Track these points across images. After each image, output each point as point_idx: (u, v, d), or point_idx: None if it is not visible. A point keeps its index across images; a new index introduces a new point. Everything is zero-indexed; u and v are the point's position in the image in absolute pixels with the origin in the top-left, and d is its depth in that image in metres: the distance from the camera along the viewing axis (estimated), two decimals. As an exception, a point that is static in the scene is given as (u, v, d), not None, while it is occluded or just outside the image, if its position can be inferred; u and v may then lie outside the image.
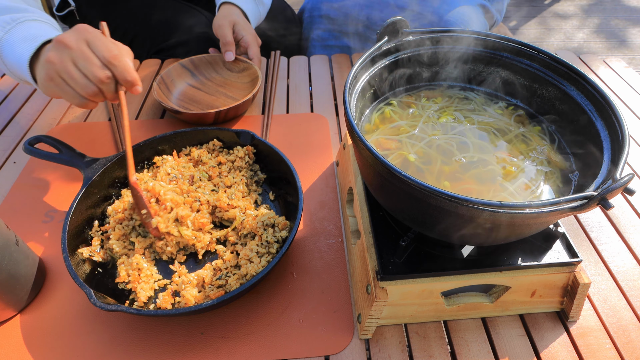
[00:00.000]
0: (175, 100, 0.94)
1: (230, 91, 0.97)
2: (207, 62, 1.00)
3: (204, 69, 1.00)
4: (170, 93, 0.95)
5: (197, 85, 0.99)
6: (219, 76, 1.00)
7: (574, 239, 0.68)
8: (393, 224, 0.58)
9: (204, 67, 1.00)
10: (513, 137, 0.59)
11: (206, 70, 1.00)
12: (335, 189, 0.76)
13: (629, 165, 0.81)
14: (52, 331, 0.57)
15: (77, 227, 0.62)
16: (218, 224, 0.68)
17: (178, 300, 0.58)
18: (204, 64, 1.00)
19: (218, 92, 0.97)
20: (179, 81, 0.97)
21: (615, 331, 0.57)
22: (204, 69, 1.00)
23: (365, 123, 0.61)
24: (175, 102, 0.94)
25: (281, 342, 0.56)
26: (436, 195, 0.41)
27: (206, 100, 0.95)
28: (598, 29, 2.86)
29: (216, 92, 0.97)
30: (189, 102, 0.95)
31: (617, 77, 1.05)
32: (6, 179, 0.79)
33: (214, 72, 1.01)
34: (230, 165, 0.74)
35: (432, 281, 0.53)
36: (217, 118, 0.86)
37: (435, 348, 0.55)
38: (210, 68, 1.01)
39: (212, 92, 0.97)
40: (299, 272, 0.64)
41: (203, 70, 1.00)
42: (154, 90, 0.90)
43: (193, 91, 0.97)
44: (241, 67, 0.99)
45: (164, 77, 0.94)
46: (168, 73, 0.95)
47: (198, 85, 0.98)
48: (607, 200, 0.39)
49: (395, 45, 0.61)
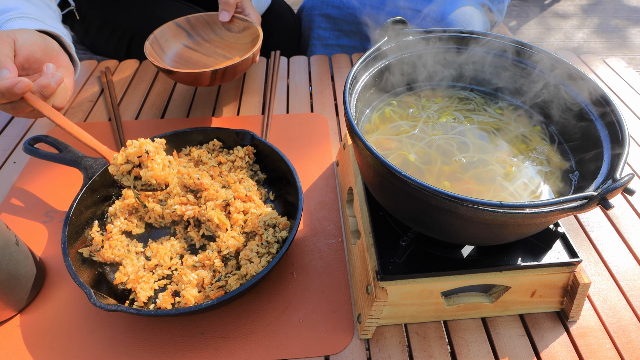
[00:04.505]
0: (170, 61, 0.90)
1: (229, 52, 0.92)
2: (204, 22, 0.95)
3: (201, 29, 0.95)
4: (164, 54, 0.90)
5: (194, 46, 0.93)
6: (218, 37, 0.95)
7: (574, 239, 0.68)
8: (393, 224, 0.58)
9: (202, 27, 0.95)
10: (513, 137, 0.59)
11: (204, 31, 0.95)
12: (335, 189, 0.76)
13: (629, 165, 0.81)
14: (52, 331, 0.57)
15: (77, 227, 0.62)
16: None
17: (178, 300, 0.58)
18: (201, 24, 0.95)
19: (216, 54, 0.92)
20: (174, 41, 0.92)
21: (615, 331, 0.57)
22: (202, 29, 0.95)
23: (365, 123, 0.61)
24: (169, 63, 0.89)
25: (281, 342, 0.56)
26: (436, 195, 0.41)
27: (203, 62, 0.90)
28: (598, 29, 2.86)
29: (214, 53, 0.92)
30: (184, 63, 0.90)
31: (617, 77, 1.05)
32: (6, 179, 0.79)
33: (212, 32, 0.95)
34: (231, 165, 0.74)
35: (432, 281, 0.53)
36: (214, 78, 0.80)
37: (435, 348, 0.55)
38: (208, 28, 0.95)
39: (209, 54, 0.92)
40: (299, 272, 0.64)
41: (200, 30, 0.95)
42: (146, 50, 0.84)
43: (189, 52, 0.92)
44: (241, 27, 0.93)
45: (157, 37, 0.88)
46: (162, 33, 0.90)
47: (194, 47, 0.93)
48: (607, 200, 0.39)
49: (396, 45, 0.61)
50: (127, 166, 0.62)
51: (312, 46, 1.34)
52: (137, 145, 0.62)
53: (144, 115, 0.94)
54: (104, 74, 1.03)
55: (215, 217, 0.64)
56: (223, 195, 0.67)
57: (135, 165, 0.63)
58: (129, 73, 1.06)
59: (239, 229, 0.64)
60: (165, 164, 0.64)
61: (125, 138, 0.86)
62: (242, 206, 0.66)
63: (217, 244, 0.62)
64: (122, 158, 0.62)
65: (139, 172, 0.63)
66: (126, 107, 0.95)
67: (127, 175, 0.63)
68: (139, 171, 0.63)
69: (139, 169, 0.63)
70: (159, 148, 0.64)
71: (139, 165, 0.63)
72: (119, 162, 0.62)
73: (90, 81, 1.03)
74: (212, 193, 0.67)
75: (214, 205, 0.65)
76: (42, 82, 0.63)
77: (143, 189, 0.64)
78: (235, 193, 0.68)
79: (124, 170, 0.62)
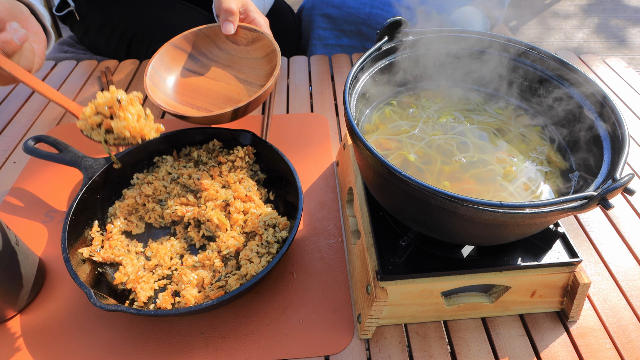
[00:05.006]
0: (173, 94, 0.77)
1: (241, 72, 0.79)
2: (205, 37, 0.81)
3: (203, 46, 0.82)
4: (166, 86, 0.77)
5: (198, 69, 0.80)
6: (224, 53, 0.81)
7: (574, 239, 0.68)
8: (393, 224, 0.58)
9: (203, 44, 0.81)
10: (513, 137, 0.59)
11: (206, 48, 0.82)
12: (335, 189, 0.76)
13: (629, 165, 0.81)
14: (52, 331, 0.57)
15: (77, 227, 0.62)
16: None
17: (178, 300, 0.58)
18: (202, 40, 0.81)
19: (226, 77, 0.79)
20: (174, 67, 0.79)
21: (615, 331, 0.57)
22: (203, 47, 0.82)
23: (365, 123, 0.61)
24: (173, 97, 0.76)
25: (281, 342, 0.56)
26: (436, 195, 0.41)
27: (214, 90, 0.77)
28: (598, 29, 2.86)
29: (224, 76, 0.79)
30: (191, 95, 0.77)
31: (617, 77, 1.05)
32: (6, 179, 0.79)
33: (216, 48, 0.82)
34: (230, 165, 0.74)
35: (432, 281, 0.53)
36: (235, 116, 0.71)
37: (435, 348, 0.55)
38: (211, 44, 0.82)
39: (219, 77, 0.79)
40: (299, 272, 0.64)
41: (202, 47, 0.81)
42: (148, 90, 0.74)
43: (194, 80, 0.79)
44: (249, 38, 0.80)
45: (155, 68, 0.76)
46: (160, 60, 0.77)
47: (199, 70, 0.80)
48: (607, 200, 0.39)
49: (396, 45, 0.61)
50: (97, 118, 0.56)
51: (312, 46, 1.34)
52: (108, 96, 0.56)
53: (144, 115, 0.94)
54: (104, 74, 1.03)
55: (215, 217, 0.64)
56: (223, 195, 0.67)
57: (106, 117, 0.57)
58: (128, 73, 1.06)
59: (239, 229, 0.64)
60: (141, 115, 0.58)
61: (125, 138, 0.86)
62: (242, 206, 0.66)
63: (217, 244, 0.62)
64: (91, 110, 0.57)
65: (110, 124, 0.57)
66: (126, 107, 0.95)
67: (97, 129, 0.57)
68: (110, 123, 0.57)
69: (111, 120, 0.57)
70: (133, 100, 0.58)
71: (110, 117, 0.57)
72: (88, 114, 0.56)
73: (90, 81, 1.03)
74: (212, 193, 0.67)
75: (214, 206, 0.65)
76: (4, 37, 0.59)
77: (116, 144, 0.58)
78: (235, 193, 0.67)
79: (93, 124, 0.57)
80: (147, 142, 0.72)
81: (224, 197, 0.66)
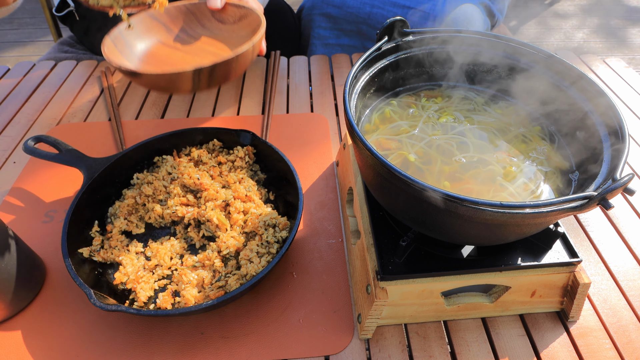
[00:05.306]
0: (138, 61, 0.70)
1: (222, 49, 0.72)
2: (189, 13, 0.74)
3: (184, 22, 0.74)
4: (132, 53, 0.70)
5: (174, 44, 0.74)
6: (207, 32, 0.75)
7: (574, 239, 0.68)
8: (393, 224, 0.58)
9: (185, 20, 0.74)
10: (513, 137, 0.59)
11: (188, 25, 0.75)
12: (335, 189, 0.76)
13: (629, 165, 0.81)
14: (52, 331, 0.57)
15: (77, 227, 0.62)
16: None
17: (178, 300, 0.58)
18: (184, 16, 0.74)
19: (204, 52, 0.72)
20: (147, 37, 0.72)
21: (615, 331, 0.57)
22: (185, 23, 0.74)
23: (365, 123, 0.61)
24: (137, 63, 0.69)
25: (281, 342, 0.56)
26: (436, 196, 0.41)
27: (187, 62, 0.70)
28: (598, 29, 2.86)
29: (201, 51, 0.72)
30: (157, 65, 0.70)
31: (617, 77, 1.05)
32: (6, 179, 0.79)
33: (200, 26, 0.75)
34: (230, 165, 0.74)
35: (432, 281, 0.53)
36: (197, 81, 0.61)
37: (435, 348, 0.55)
38: (194, 21, 0.75)
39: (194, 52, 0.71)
40: (299, 272, 0.64)
41: (184, 24, 0.74)
42: (104, 46, 0.65)
43: (167, 51, 0.72)
44: (237, 16, 0.74)
45: (123, 32, 0.69)
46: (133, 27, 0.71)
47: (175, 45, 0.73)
48: (607, 200, 0.39)
49: (395, 45, 0.61)
50: None
51: (312, 45, 1.34)
52: None
53: (144, 115, 0.94)
54: (104, 74, 1.03)
55: (215, 217, 0.64)
56: (223, 195, 0.67)
57: None
58: (129, 73, 1.06)
59: (239, 229, 0.64)
60: None
61: (126, 138, 0.86)
62: (242, 206, 0.66)
63: (217, 244, 0.62)
64: None
65: None
66: (126, 107, 0.95)
67: None
68: None
69: None
70: None
71: None
72: None
73: (90, 81, 1.03)
74: (212, 193, 0.67)
75: (214, 206, 0.65)
76: None
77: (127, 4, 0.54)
78: (235, 193, 0.67)
79: None
80: (147, 142, 0.73)
81: (224, 197, 0.66)
